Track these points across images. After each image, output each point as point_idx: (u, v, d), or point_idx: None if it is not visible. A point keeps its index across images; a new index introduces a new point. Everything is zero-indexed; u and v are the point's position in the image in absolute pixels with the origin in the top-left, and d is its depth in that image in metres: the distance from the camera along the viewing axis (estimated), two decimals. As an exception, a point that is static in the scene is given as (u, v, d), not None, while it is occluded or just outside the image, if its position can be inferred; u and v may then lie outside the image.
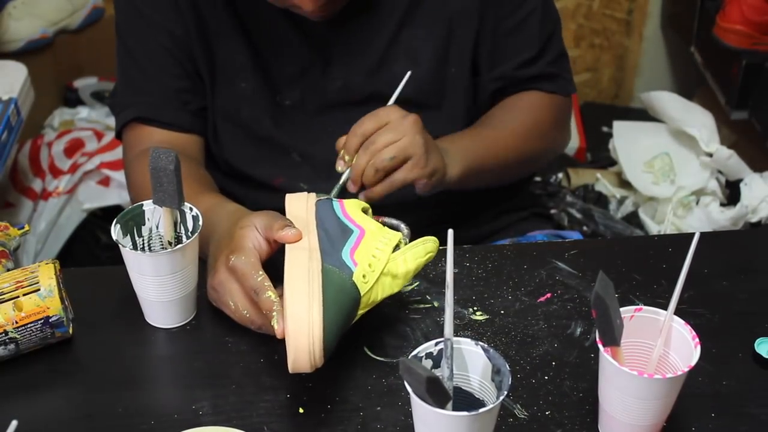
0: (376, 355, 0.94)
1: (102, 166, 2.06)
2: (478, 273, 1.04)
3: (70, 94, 2.34)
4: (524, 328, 0.97)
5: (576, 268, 1.05)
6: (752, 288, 1.02)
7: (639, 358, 0.85)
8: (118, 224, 0.94)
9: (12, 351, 0.91)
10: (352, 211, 0.95)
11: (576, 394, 0.89)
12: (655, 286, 1.02)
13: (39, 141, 2.11)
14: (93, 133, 2.15)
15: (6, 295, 0.90)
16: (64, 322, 0.91)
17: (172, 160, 0.89)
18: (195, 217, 0.95)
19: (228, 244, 0.93)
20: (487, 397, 0.79)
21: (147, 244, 0.97)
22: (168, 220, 0.95)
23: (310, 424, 0.86)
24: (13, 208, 2.01)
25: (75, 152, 2.09)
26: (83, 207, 2.00)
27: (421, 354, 0.78)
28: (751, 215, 1.90)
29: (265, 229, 0.92)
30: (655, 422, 0.82)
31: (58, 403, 0.90)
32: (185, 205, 0.95)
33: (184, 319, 0.98)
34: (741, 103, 2.14)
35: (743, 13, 2.07)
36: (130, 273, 0.94)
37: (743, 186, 1.93)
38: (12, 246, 1.01)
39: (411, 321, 0.98)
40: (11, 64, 1.95)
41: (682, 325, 0.82)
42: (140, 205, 0.96)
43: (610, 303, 0.76)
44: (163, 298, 0.94)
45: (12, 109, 1.77)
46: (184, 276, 0.94)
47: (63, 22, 2.29)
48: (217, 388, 0.90)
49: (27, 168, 2.07)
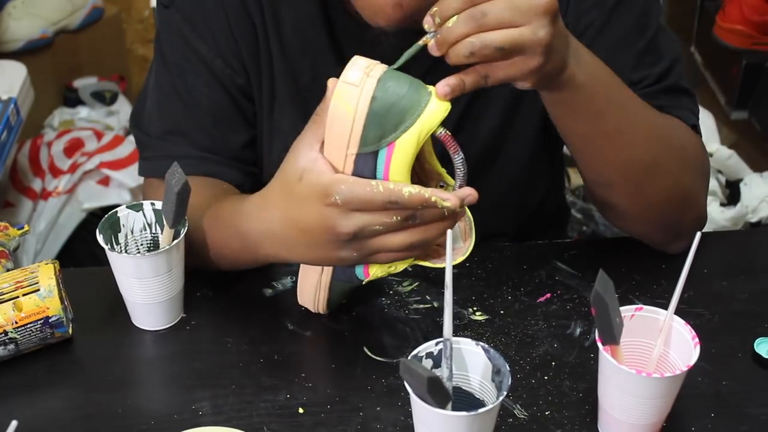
0: (376, 355, 0.94)
1: (102, 165, 2.06)
2: (478, 273, 1.04)
3: (69, 94, 2.34)
4: (524, 328, 0.97)
5: (576, 268, 1.05)
6: (752, 288, 1.02)
7: (639, 358, 0.85)
8: (101, 234, 0.94)
9: (12, 351, 0.91)
10: (396, 169, 0.79)
11: (576, 394, 0.89)
12: (655, 286, 1.02)
13: (39, 141, 2.11)
14: (93, 133, 2.15)
15: (6, 295, 0.90)
16: (63, 322, 0.91)
17: (179, 184, 0.87)
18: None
19: (304, 204, 0.79)
20: (487, 397, 0.79)
21: (124, 250, 0.97)
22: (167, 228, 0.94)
23: (310, 424, 0.86)
24: (13, 207, 2.01)
25: (75, 152, 2.09)
26: (83, 207, 2.00)
27: (421, 354, 0.78)
28: (751, 215, 1.90)
29: (318, 150, 0.80)
30: (654, 421, 0.82)
31: (58, 403, 0.90)
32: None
33: (170, 321, 0.97)
34: (741, 103, 2.14)
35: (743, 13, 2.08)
36: (117, 276, 0.95)
37: (743, 186, 1.93)
38: (12, 246, 1.01)
39: (411, 321, 0.98)
40: (11, 63, 1.95)
41: (682, 325, 0.82)
42: (115, 212, 0.96)
43: (609, 301, 0.76)
44: (151, 300, 0.94)
45: (12, 108, 1.77)
46: (171, 278, 0.94)
47: (63, 22, 2.29)
48: (216, 388, 0.90)
49: (27, 168, 2.07)
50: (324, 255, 0.83)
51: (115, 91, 2.37)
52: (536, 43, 0.77)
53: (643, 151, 0.94)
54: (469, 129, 1.04)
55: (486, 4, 0.76)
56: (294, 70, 1.04)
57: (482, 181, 1.11)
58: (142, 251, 0.97)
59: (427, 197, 0.77)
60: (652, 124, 0.96)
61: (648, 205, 0.99)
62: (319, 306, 0.95)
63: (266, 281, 1.02)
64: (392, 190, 0.77)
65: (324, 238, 0.80)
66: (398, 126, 0.77)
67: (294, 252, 0.85)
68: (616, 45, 1.00)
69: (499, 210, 1.14)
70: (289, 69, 1.04)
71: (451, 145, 0.79)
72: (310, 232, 0.81)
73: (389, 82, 0.77)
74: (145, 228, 0.97)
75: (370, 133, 0.77)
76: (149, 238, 0.98)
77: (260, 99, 1.06)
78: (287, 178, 0.82)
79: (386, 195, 0.77)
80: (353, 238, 0.79)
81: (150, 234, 0.98)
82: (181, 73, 1.05)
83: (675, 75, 1.03)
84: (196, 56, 1.04)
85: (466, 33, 0.76)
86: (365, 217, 0.78)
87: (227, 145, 1.07)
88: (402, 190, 0.77)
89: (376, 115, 0.77)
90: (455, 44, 0.77)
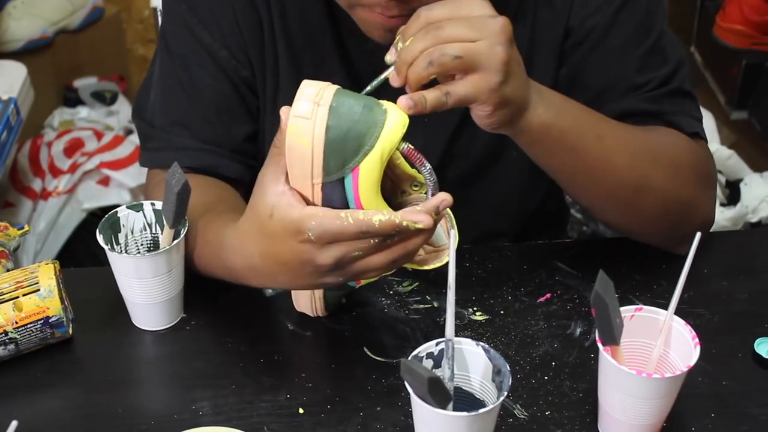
0: (376, 355, 0.94)
1: (102, 165, 2.06)
2: (478, 273, 1.04)
3: (69, 94, 2.34)
4: (524, 329, 0.97)
5: (576, 268, 1.05)
6: (752, 288, 1.02)
7: (639, 358, 0.85)
8: (101, 234, 0.94)
9: (12, 351, 0.91)
10: (365, 192, 0.78)
11: (576, 394, 0.89)
12: (655, 286, 1.02)
13: (39, 141, 2.11)
14: (93, 133, 2.15)
15: (6, 295, 0.90)
16: (63, 323, 0.91)
17: (179, 184, 0.87)
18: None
19: (279, 241, 0.79)
20: (488, 397, 0.79)
21: (124, 250, 0.97)
22: (167, 228, 0.94)
23: (310, 424, 0.86)
24: (13, 207, 2.01)
25: (75, 152, 2.09)
26: (83, 207, 2.00)
27: (421, 354, 0.78)
28: (751, 215, 1.90)
29: (284, 183, 0.79)
30: (654, 422, 0.82)
31: (58, 403, 0.90)
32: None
33: (170, 321, 0.97)
34: (741, 103, 2.15)
35: (743, 13, 2.08)
36: (117, 276, 0.95)
37: (743, 186, 1.93)
38: (12, 246, 1.01)
39: (411, 321, 0.98)
40: (11, 64, 1.95)
41: (682, 325, 0.82)
42: (115, 212, 0.96)
43: (609, 302, 0.76)
44: (151, 301, 0.94)
45: (12, 108, 1.77)
46: (171, 278, 0.94)
47: (63, 22, 2.29)
48: (216, 388, 0.90)
49: (27, 168, 2.07)
50: (309, 282, 0.83)
51: (115, 91, 2.37)
52: (493, 58, 0.77)
53: (628, 174, 0.94)
54: (470, 131, 1.04)
55: (443, 21, 0.77)
56: (298, 63, 1.04)
57: (483, 183, 1.11)
58: (142, 251, 0.97)
59: (398, 223, 0.76)
60: (636, 146, 0.95)
61: (644, 222, 0.99)
62: (317, 311, 0.96)
63: (266, 281, 1.02)
64: (362, 221, 0.75)
65: (305, 270, 0.80)
66: (358, 150, 0.75)
67: (279, 282, 0.86)
68: (620, 48, 1.00)
69: (500, 211, 1.14)
70: (294, 62, 1.04)
71: (416, 158, 0.78)
72: (290, 265, 0.81)
73: (342, 108, 0.75)
74: (145, 228, 0.97)
75: (332, 162, 0.76)
76: (149, 239, 0.98)
77: (264, 92, 1.06)
78: (258, 214, 0.81)
79: (356, 226, 0.76)
80: (334, 267, 0.79)
81: (150, 234, 0.98)
82: (186, 65, 1.05)
83: (679, 78, 1.03)
84: (201, 47, 1.04)
85: (423, 47, 0.77)
86: (341, 247, 0.77)
87: (230, 137, 1.06)
88: (372, 219, 0.75)
89: (334, 144, 0.75)
90: (414, 62, 0.77)
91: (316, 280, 0.81)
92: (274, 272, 0.83)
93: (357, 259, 0.78)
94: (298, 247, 0.78)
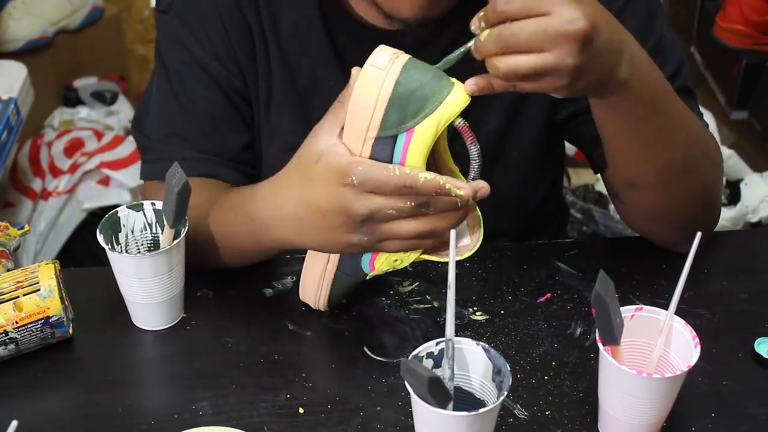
0: (376, 355, 0.94)
1: (102, 165, 2.06)
2: (478, 273, 1.04)
3: (69, 94, 2.34)
4: (524, 328, 0.97)
5: (576, 268, 1.05)
6: (752, 288, 1.02)
7: (639, 358, 0.85)
8: (101, 234, 0.94)
9: (12, 351, 0.91)
10: (413, 156, 0.80)
11: (576, 394, 0.89)
12: (655, 286, 1.02)
13: (39, 141, 2.11)
14: (93, 133, 2.15)
15: (6, 295, 0.90)
16: (64, 322, 0.91)
17: (179, 184, 0.87)
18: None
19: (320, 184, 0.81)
20: (488, 397, 0.79)
21: (124, 250, 0.97)
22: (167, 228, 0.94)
23: (310, 424, 0.86)
24: (13, 207, 2.01)
25: (75, 152, 2.09)
26: (83, 207, 2.00)
27: (421, 354, 0.78)
28: (751, 215, 1.90)
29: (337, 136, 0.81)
30: (654, 422, 0.82)
31: (58, 403, 0.90)
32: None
33: (171, 321, 0.97)
34: (741, 103, 2.15)
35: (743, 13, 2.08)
36: (117, 276, 0.95)
37: (743, 186, 1.93)
38: (12, 246, 1.01)
39: (411, 321, 0.98)
40: (11, 63, 1.95)
41: (682, 325, 0.82)
42: (115, 212, 0.96)
43: (610, 302, 0.76)
44: (151, 300, 0.94)
45: (12, 108, 1.77)
46: (171, 278, 0.94)
47: (63, 21, 2.29)
48: (217, 388, 0.90)
49: (27, 168, 2.07)
50: (334, 238, 0.83)
51: (115, 91, 2.37)
52: (562, 69, 0.77)
53: (682, 152, 0.94)
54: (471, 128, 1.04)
55: (516, 25, 0.76)
56: (292, 70, 1.04)
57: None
58: (142, 251, 0.98)
59: (441, 184, 0.79)
60: (691, 128, 0.96)
61: (674, 206, 0.99)
62: (320, 301, 0.95)
63: (266, 281, 1.02)
64: (408, 175, 0.78)
65: (337, 219, 0.81)
66: (419, 112, 0.79)
67: (304, 235, 0.86)
68: None
69: (500, 210, 1.13)
70: (287, 69, 1.04)
71: (469, 135, 0.81)
72: (323, 213, 0.82)
73: (414, 69, 0.79)
74: (145, 228, 0.97)
75: (391, 117, 0.79)
76: (149, 238, 0.98)
77: (257, 100, 1.07)
78: (304, 160, 0.83)
79: (402, 179, 0.78)
80: (366, 220, 0.81)
81: (150, 234, 0.98)
82: (180, 79, 1.06)
83: (683, 77, 1.03)
84: (193, 59, 1.04)
85: (494, 52, 0.77)
86: (379, 199, 0.80)
87: (227, 146, 1.07)
88: (418, 175, 0.78)
89: (398, 99, 0.78)
90: (486, 59, 0.78)
91: (343, 235, 0.82)
92: (304, 223, 0.84)
93: (389, 218, 0.80)
94: (337, 191, 0.80)
